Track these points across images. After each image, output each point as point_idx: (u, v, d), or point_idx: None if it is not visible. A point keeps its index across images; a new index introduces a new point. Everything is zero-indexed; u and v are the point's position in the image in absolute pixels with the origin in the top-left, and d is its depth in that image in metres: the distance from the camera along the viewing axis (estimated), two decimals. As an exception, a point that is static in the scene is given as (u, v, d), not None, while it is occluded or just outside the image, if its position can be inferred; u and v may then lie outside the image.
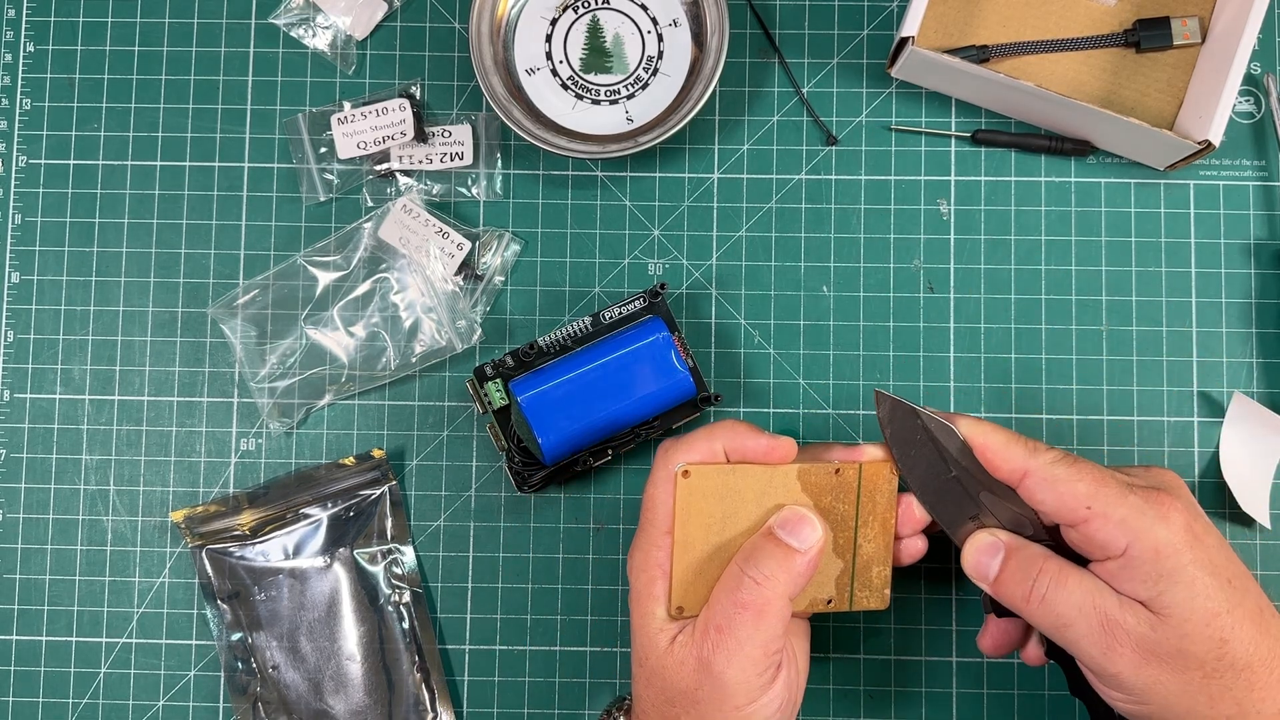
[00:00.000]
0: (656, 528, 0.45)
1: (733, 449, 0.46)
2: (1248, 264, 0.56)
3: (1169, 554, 0.41)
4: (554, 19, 0.56)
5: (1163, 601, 0.41)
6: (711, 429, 0.46)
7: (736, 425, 0.46)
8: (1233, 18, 0.53)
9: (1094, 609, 0.42)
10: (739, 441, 0.45)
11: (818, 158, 0.57)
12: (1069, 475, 0.43)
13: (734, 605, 0.43)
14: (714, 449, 0.46)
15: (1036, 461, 0.43)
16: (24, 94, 0.57)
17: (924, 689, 0.54)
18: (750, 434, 0.46)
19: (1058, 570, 0.43)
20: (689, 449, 0.45)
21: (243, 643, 0.54)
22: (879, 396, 0.46)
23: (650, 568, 0.45)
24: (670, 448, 0.46)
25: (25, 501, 0.56)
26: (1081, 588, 0.42)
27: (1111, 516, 0.42)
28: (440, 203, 0.57)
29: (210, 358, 0.56)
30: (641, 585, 0.45)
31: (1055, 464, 0.43)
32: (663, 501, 0.45)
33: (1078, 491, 0.42)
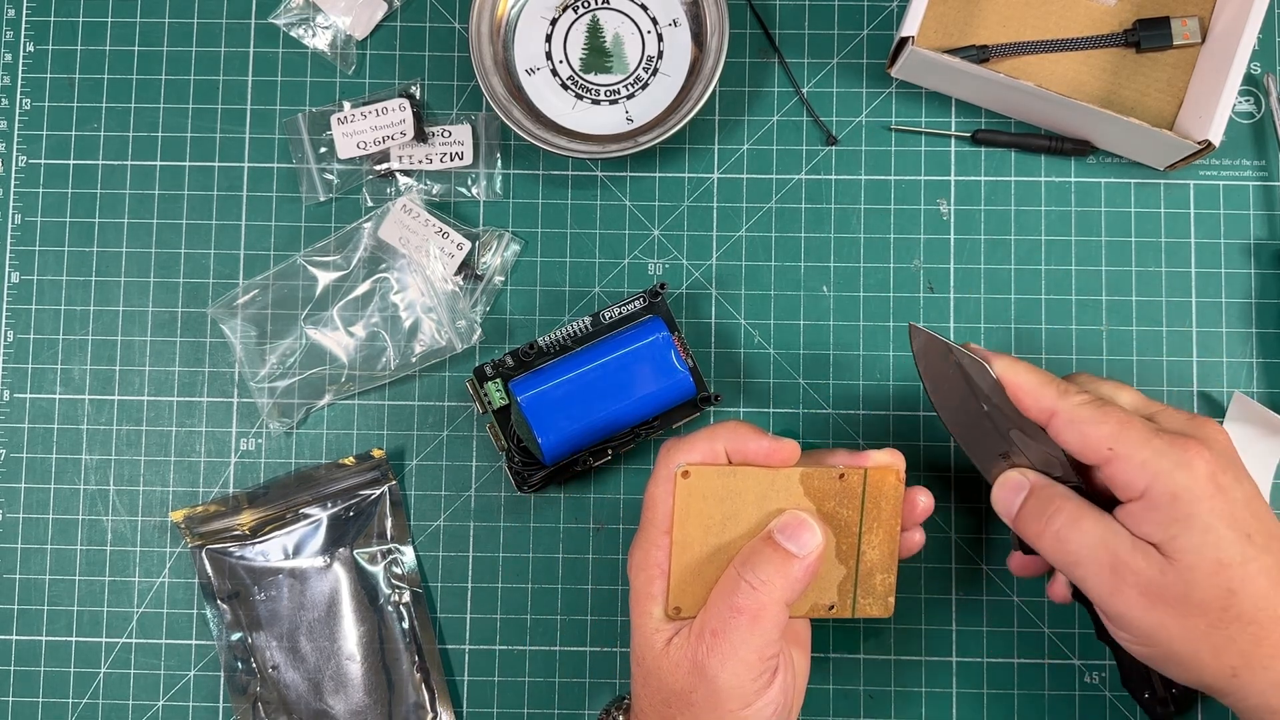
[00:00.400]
0: (656, 527, 0.45)
1: (734, 450, 0.45)
2: (1248, 264, 0.56)
3: (1186, 499, 0.41)
4: (554, 19, 0.56)
5: (1174, 546, 0.41)
6: (714, 429, 0.46)
7: (739, 426, 0.46)
8: (1233, 18, 0.53)
9: (1105, 549, 0.42)
10: (741, 443, 0.45)
11: (818, 158, 0.57)
12: (1094, 417, 0.43)
13: (730, 609, 0.43)
14: (715, 450, 0.45)
15: (1065, 403, 0.44)
16: (24, 94, 0.57)
17: (924, 689, 0.54)
18: (753, 435, 0.45)
19: (1075, 510, 0.44)
20: (690, 449, 0.45)
21: (243, 643, 0.54)
22: (913, 330, 0.47)
23: (649, 566, 0.45)
24: (672, 447, 0.46)
25: (25, 501, 0.56)
26: (1096, 528, 0.43)
27: (1133, 459, 0.42)
28: (440, 203, 0.57)
29: (210, 358, 0.56)
30: (640, 584, 0.45)
31: (1082, 405, 0.44)
32: (663, 501, 0.45)
33: (1101, 433, 0.43)
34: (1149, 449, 0.42)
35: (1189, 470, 0.42)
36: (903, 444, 0.55)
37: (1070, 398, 0.44)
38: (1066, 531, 0.43)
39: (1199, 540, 0.41)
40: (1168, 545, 0.42)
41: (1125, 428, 0.43)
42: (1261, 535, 0.42)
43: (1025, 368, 0.45)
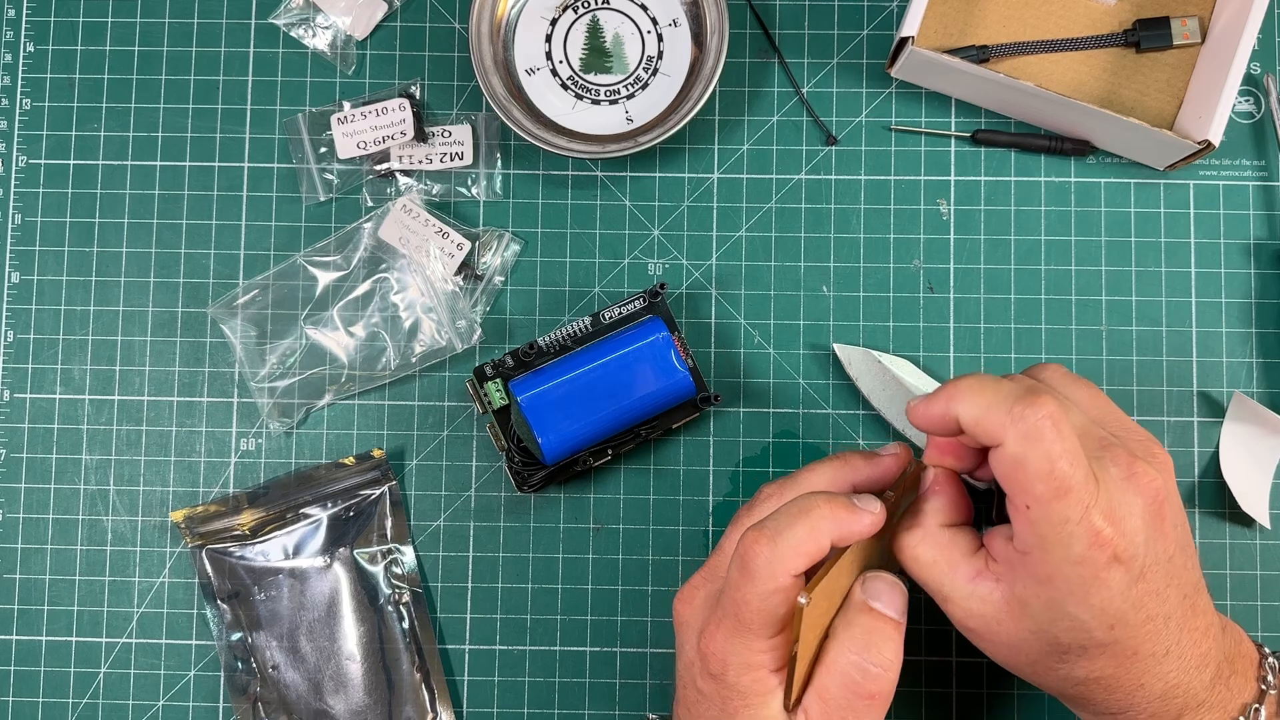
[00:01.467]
0: (759, 634, 0.41)
1: (839, 537, 0.41)
2: (1248, 264, 0.56)
3: (1061, 586, 0.39)
4: (554, 19, 0.56)
5: (1024, 613, 0.40)
6: (812, 520, 0.41)
7: (835, 509, 0.41)
8: (1233, 18, 0.53)
9: (937, 589, 0.42)
10: (845, 529, 0.41)
11: (818, 158, 0.57)
12: (1032, 466, 0.38)
13: (862, 697, 0.41)
14: (821, 546, 0.40)
15: (1012, 432, 0.39)
16: (24, 94, 0.57)
17: (924, 689, 0.54)
18: (853, 516, 0.41)
19: (923, 537, 0.42)
20: (795, 553, 0.40)
21: (243, 643, 0.54)
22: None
23: (756, 669, 0.41)
24: (770, 554, 0.40)
25: (25, 501, 0.56)
26: (932, 567, 0.42)
27: (1037, 528, 0.38)
28: (440, 203, 0.57)
29: (210, 358, 0.56)
30: (749, 684, 0.41)
31: (1024, 441, 0.38)
32: (769, 612, 0.40)
33: (1031, 488, 0.38)
34: (1063, 529, 0.38)
35: (1080, 566, 0.38)
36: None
37: (1026, 424, 0.38)
38: (906, 558, 0.43)
39: (1051, 623, 0.39)
40: (1016, 603, 0.40)
41: (1057, 497, 0.38)
42: (1128, 623, 0.39)
43: (975, 399, 0.40)
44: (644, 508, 0.55)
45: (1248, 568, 0.54)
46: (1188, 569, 0.41)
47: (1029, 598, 0.40)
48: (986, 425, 0.39)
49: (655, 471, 0.55)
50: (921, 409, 0.42)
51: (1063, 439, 0.38)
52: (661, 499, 0.55)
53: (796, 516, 0.41)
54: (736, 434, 0.55)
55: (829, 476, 0.45)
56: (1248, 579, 0.54)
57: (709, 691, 0.43)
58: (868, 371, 0.54)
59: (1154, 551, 0.39)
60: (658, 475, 0.55)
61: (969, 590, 0.41)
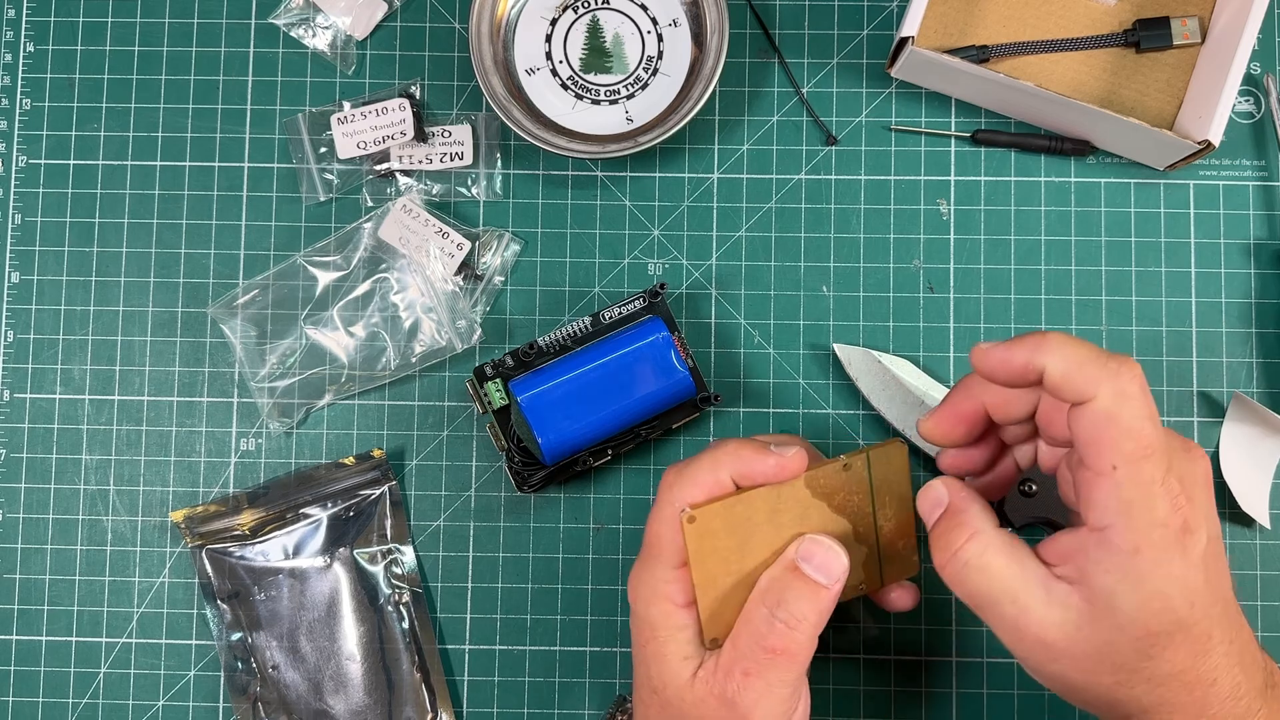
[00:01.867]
0: (664, 562, 0.43)
1: (741, 475, 0.43)
2: (1248, 264, 0.56)
3: (1149, 559, 0.37)
4: (554, 19, 0.56)
5: (1109, 603, 0.38)
6: (714, 455, 0.43)
7: (740, 448, 0.43)
8: (1233, 18, 0.53)
9: (1009, 600, 0.39)
10: (746, 466, 0.43)
11: (818, 158, 0.57)
12: (1132, 426, 0.37)
13: (765, 650, 0.41)
14: (720, 479, 0.43)
15: (1109, 387, 0.37)
16: (24, 94, 0.57)
17: (924, 689, 0.54)
18: (756, 455, 0.43)
19: (982, 545, 0.40)
20: (694, 483, 0.42)
21: (243, 643, 0.54)
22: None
23: (661, 600, 0.43)
24: (674, 482, 0.43)
25: (25, 501, 0.56)
26: (1004, 574, 0.39)
27: (1121, 492, 0.37)
28: (440, 203, 0.57)
29: (210, 358, 0.56)
30: (656, 616, 0.43)
31: (1127, 400, 0.37)
32: (669, 536, 0.43)
33: (1122, 448, 0.37)
34: (1146, 488, 0.37)
35: (1164, 530, 0.37)
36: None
37: (1123, 381, 0.37)
38: (970, 569, 0.40)
39: (1140, 605, 0.38)
40: (1099, 597, 0.38)
41: (1143, 455, 0.37)
42: (1201, 602, 0.38)
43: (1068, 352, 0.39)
44: (644, 508, 0.55)
45: (1248, 568, 0.54)
46: (1225, 561, 0.40)
47: (1113, 583, 0.38)
48: (1079, 378, 0.38)
49: (655, 471, 0.55)
50: (1000, 353, 0.40)
51: (1149, 401, 0.38)
52: (661, 499, 0.55)
53: (704, 453, 0.44)
54: (736, 434, 0.55)
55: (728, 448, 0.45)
56: (1248, 579, 0.54)
57: (632, 627, 0.45)
58: (868, 371, 0.54)
59: (1211, 525, 0.39)
60: (658, 475, 0.55)
61: (1046, 595, 0.39)
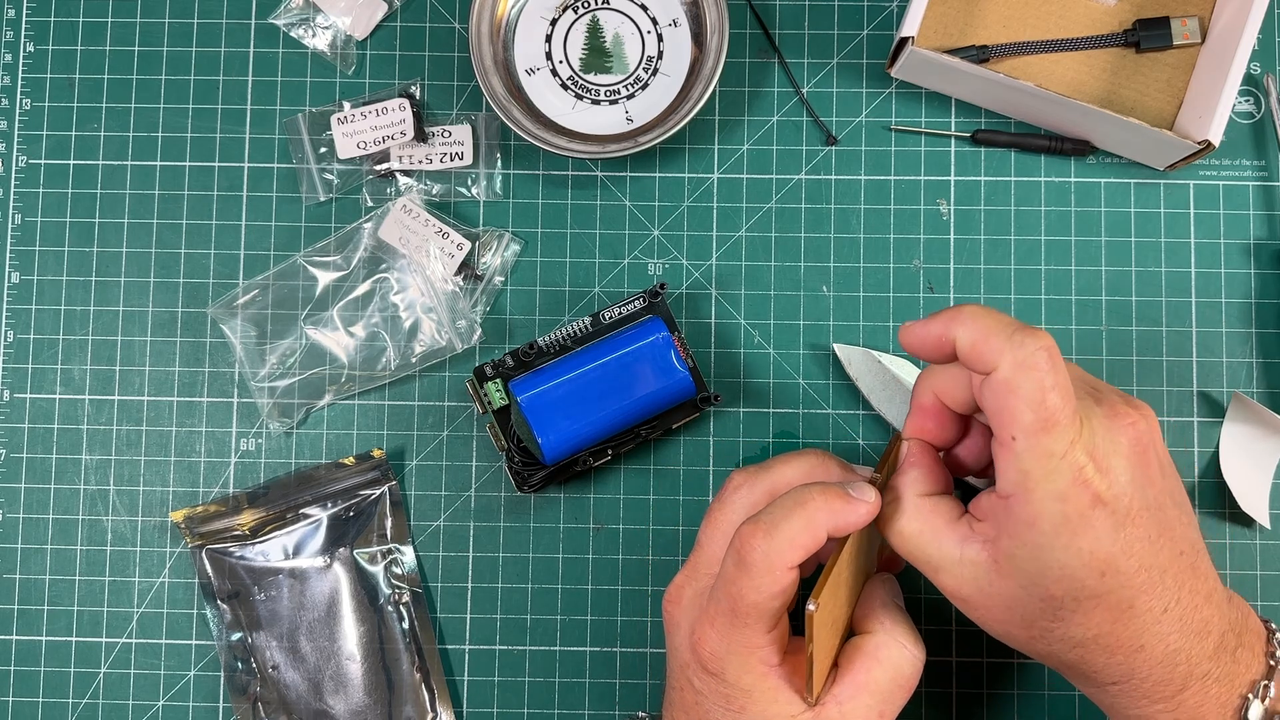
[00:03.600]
0: (759, 630, 0.41)
1: (835, 528, 0.41)
2: (1248, 264, 0.56)
3: (1044, 528, 0.38)
4: (554, 19, 0.56)
5: (1011, 565, 0.39)
6: (808, 514, 0.40)
7: (829, 499, 0.41)
8: (1233, 18, 0.53)
9: (925, 560, 0.41)
10: (841, 519, 0.41)
11: (818, 158, 0.57)
12: (1025, 391, 0.38)
13: (903, 690, 0.43)
14: (818, 538, 0.40)
15: (1010, 357, 0.38)
16: (24, 94, 0.57)
17: (924, 689, 0.54)
18: (848, 506, 0.41)
19: (904, 509, 0.42)
20: (792, 545, 0.40)
21: (243, 643, 0.54)
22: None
23: (757, 665, 0.42)
24: (766, 548, 0.40)
25: (25, 501, 0.56)
26: (918, 538, 0.41)
27: (1018, 463, 0.38)
28: (440, 203, 0.57)
29: (210, 358, 0.56)
30: (752, 682, 0.42)
31: (1021, 369, 0.38)
32: (766, 606, 0.40)
33: (1020, 417, 0.38)
34: (1046, 462, 0.37)
35: (1063, 503, 0.37)
36: (903, 444, 0.55)
37: (1025, 352, 0.38)
38: (891, 534, 0.42)
39: (1039, 573, 0.38)
40: (1002, 558, 0.39)
41: (1044, 429, 0.38)
42: (1116, 570, 0.38)
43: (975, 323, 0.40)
44: (644, 508, 0.55)
45: (1248, 568, 0.54)
46: (1183, 524, 0.40)
47: (1014, 548, 0.39)
48: (983, 349, 0.39)
49: (655, 471, 0.55)
50: (918, 329, 0.41)
51: (1055, 372, 0.38)
52: (661, 499, 0.55)
53: (792, 509, 0.41)
54: (736, 434, 0.55)
55: (805, 469, 0.45)
56: (1248, 579, 0.54)
57: (708, 690, 0.42)
58: (868, 371, 0.54)
59: (1141, 496, 0.38)
60: (658, 475, 0.55)
61: (957, 555, 0.40)
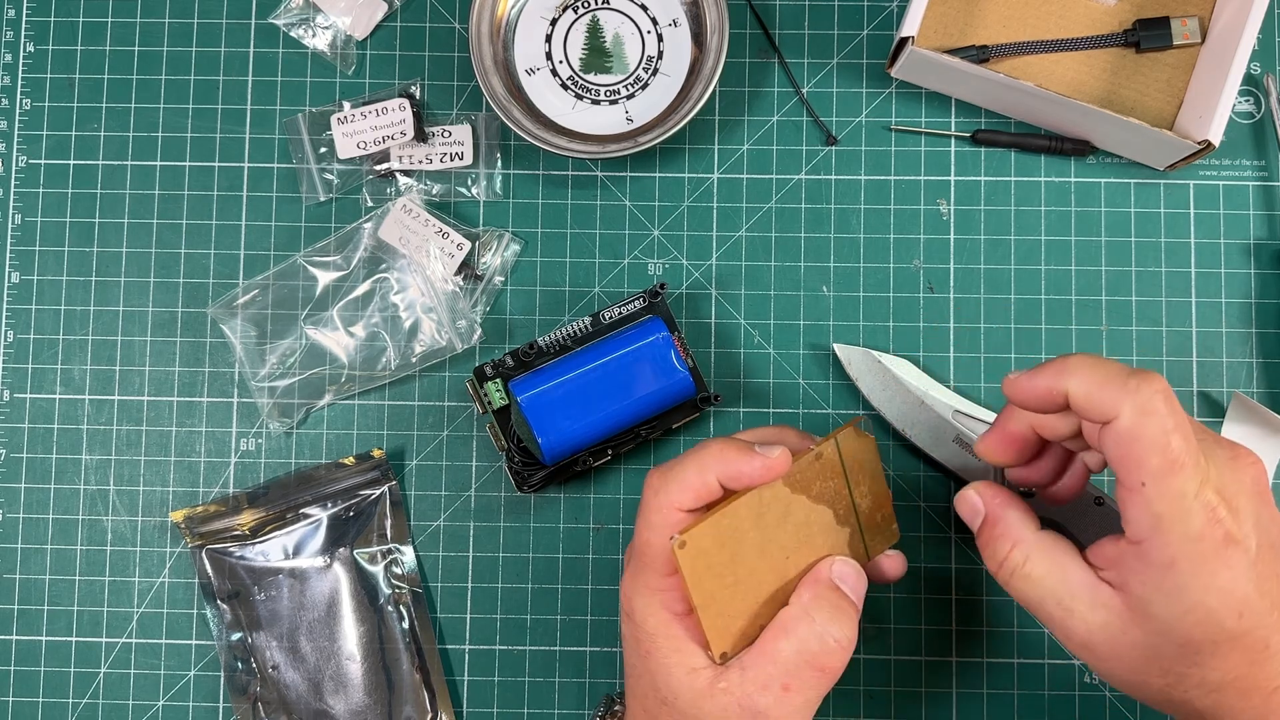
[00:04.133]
0: (657, 571, 0.42)
1: (727, 477, 0.42)
2: (1248, 264, 0.56)
3: (1184, 570, 0.37)
4: (554, 19, 0.56)
5: (1149, 611, 0.38)
6: (700, 459, 0.42)
7: (725, 449, 0.42)
8: (1233, 18, 0.53)
9: (1055, 603, 0.40)
10: (732, 468, 0.42)
11: (818, 158, 0.57)
12: (1154, 441, 0.37)
13: (815, 668, 0.42)
14: (708, 482, 0.42)
15: (1130, 405, 0.38)
16: (24, 94, 0.57)
17: (924, 689, 0.54)
18: (742, 456, 0.42)
19: (1025, 551, 0.41)
20: (681, 487, 0.42)
21: (243, 643, 0.54)
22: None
23: (659, 610, 0.43)
24: (660, 486, 0.42)
25: (25, 501, 0.56)
26: (1049, 578, 0.40)
27: (1152, 507, 0.37)
28: (440, 203, 0.57)
29: (210, 358, 0.56)
30: (656, 627, 0.43)
31: (1146, 418, 0.37)
32: (659, 545, 0.42)
33: (1150, 463, 0.37)
34: (1180, 503, 0.37)
35: (1200, 544, 0.37)
36: (903, 444, 0.55)
37: (1144, 398, 0.37)
38: (1016, 577, 0.41)
39: (1179, 616, 0.38)
40: (1138, 605, 0.38)
41: (1173, 470, 0.37)
42: (1253, 611, 0.38)
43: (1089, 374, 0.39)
44: (644, 508, 0.55)
45: (1248, 568, 0.54)
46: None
47: (1150, 593, 0.38)
48: (1100, 399, 0.38)
49: (655, 471, 0.55)
50: (1025, 382, 0.41)
51: (1175, 414, 0.38)
52: (661, 499, 0.55)
53: (688, 455, 0.43)
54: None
55: (758, 434, 0.46)
56: (1248, 579, 0.54)
57: (628, 636, 0.44)
58: (868, 371, 0.54)
59: (1266, 533, 0.38)
60: (658, 475, 0.55)
61: (1090, 599, 0.39)
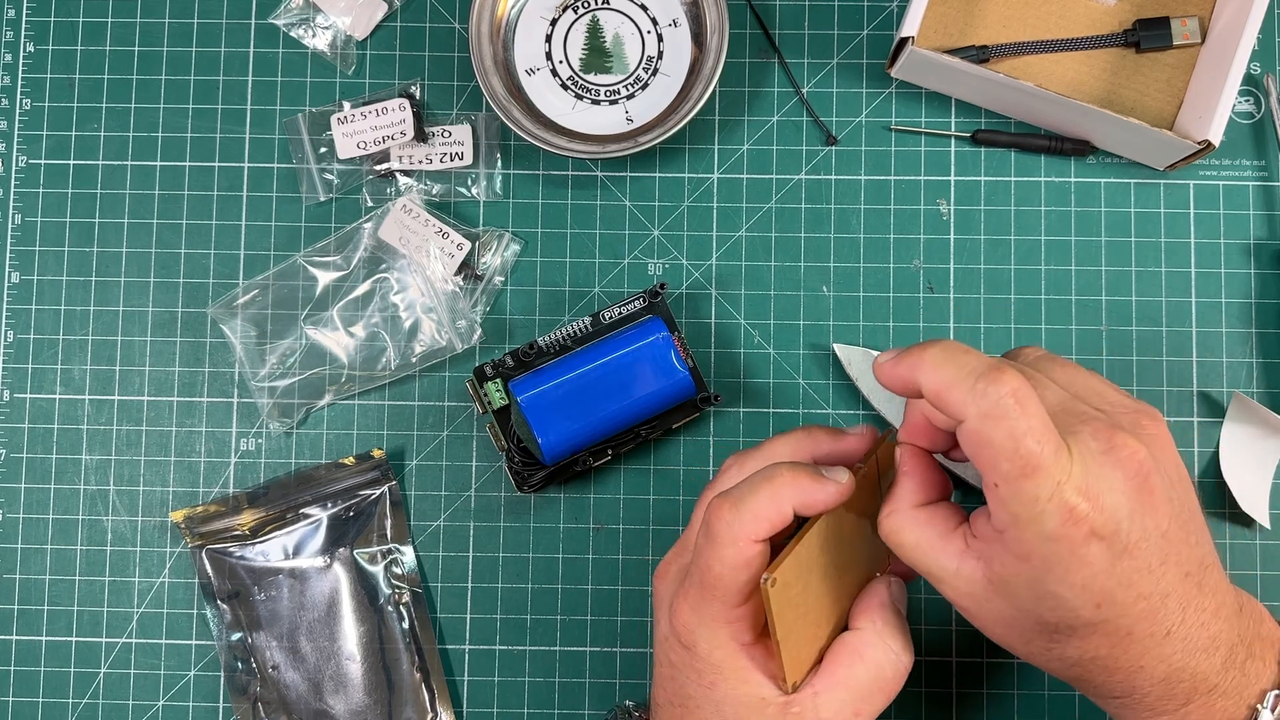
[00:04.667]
0: (727, 603, 0.41)
1: (802, 506, 0.41)
2: (1248, 264, 0.56)
3: (1038, 562, 0.37)
4: (554, 19, 0.56)
5: (1006, 590, 0.39)
6: (773, 488, 0.41)
7: (798, 477, 0.41)
8: (1233, 18, 0.53)
9: (927, 570, 0.41)
10: (807, 497, 0.41)
11: (818, 158, 0.57)
12: (994, 438, 0.37)
13: (882, 692, 0.42)
14: (782, 511, 0.40)
15: (972, 408, 0.37)
16: (24, 94, 0.57)
17: (924, 689, 0.54)
18: (816, 485, 0.41)
19: (903, 521, 0.41)
20: (755, 518, 0.40)
21: (243, 643, 0.54)
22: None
23: (727, 642, 0.42)
24: (732, 519, 0.40)
25: (25, 501, 0.56)
26: (916, 548, 0.41)
27: (1007, 504, 0.37)
28: (440, 203, 0.57)
29: (210, 358, 0.56)
30: (723, 659, 0.42)
31: (986, 419, 0.37)
32: (730, 578, 0.41)
33: (995, 463, 0.37)
34: (1033, 506, 0.37)
35: (1054, 543, 0.37)
36: (903, 444, 0.55)
37: (988, 401, 0.37)
38: (893, 541, 0.42)
39: (1034, 602, 0.38)
40: (998, 582, 0.39)
41: (1024, 475, 0.37)
42: (1112, 601, 0.38)
43: (938, 371, 0.39)
44: (644, 508, 0.55)
45: (1248, 568, 0.54)
46: (1190, 544, 0.39)
47: (1009, 576, 0.38)
48: (948, 400, 0.38)
49: (655, 471, 0.55)
50: (888, 368, 0.41)
51: (1028, 415, 0.36)
52: (661, 499, 0.55)
53: (759, 483, 0.41)
54: (736, 434, 0.55)
55: (792, 447, 0.45)
56: (1248, 579, 0.54)
57: (683, 664, 0.43)
58: (868, 371, 0.54)
59: (1141, 526, 0.37)
60: (658, 475, 0.55)
61: (954, 569, 0.40)
